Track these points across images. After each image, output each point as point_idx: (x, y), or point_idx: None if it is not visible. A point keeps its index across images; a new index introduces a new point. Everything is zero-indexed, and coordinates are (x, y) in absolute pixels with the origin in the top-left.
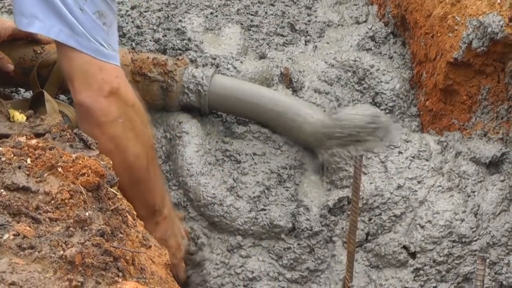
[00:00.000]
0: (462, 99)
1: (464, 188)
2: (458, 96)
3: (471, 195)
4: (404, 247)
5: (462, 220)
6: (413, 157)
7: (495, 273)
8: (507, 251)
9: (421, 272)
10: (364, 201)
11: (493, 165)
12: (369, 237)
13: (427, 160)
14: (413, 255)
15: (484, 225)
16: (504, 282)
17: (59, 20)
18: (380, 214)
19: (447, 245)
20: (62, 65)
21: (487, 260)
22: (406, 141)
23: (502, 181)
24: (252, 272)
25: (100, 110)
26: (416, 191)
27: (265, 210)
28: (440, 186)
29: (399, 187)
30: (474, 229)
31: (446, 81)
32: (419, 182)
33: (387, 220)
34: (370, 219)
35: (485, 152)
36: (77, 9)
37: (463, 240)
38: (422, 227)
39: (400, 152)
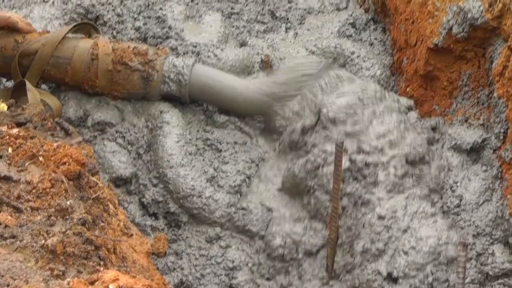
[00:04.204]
0: (443, 85)
1: (447, 180)
2: (439, 82)
3: (453, 185)
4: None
5: (447, 243)
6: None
7: (481, 264)
8: (491, 240)
9: None
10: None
11: (474, 151)
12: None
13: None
14: (395, 280)
15: (468, 216)
16: (490, 272)
17: None
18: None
19: (431, 270)
20: None
21: (473, 252)
22: None
23: (485, 171)
24: (233, 262)
25: None
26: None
27: (244, 210)
28: (424, 212)
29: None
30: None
31: (426, 67)
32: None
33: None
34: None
35: (466, 138)
36: None
37: (454, 261)
38: (405, 253)
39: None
